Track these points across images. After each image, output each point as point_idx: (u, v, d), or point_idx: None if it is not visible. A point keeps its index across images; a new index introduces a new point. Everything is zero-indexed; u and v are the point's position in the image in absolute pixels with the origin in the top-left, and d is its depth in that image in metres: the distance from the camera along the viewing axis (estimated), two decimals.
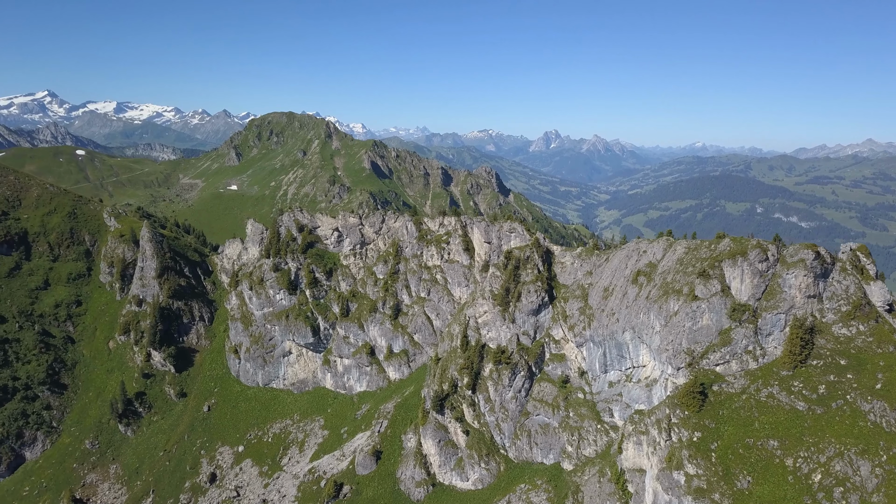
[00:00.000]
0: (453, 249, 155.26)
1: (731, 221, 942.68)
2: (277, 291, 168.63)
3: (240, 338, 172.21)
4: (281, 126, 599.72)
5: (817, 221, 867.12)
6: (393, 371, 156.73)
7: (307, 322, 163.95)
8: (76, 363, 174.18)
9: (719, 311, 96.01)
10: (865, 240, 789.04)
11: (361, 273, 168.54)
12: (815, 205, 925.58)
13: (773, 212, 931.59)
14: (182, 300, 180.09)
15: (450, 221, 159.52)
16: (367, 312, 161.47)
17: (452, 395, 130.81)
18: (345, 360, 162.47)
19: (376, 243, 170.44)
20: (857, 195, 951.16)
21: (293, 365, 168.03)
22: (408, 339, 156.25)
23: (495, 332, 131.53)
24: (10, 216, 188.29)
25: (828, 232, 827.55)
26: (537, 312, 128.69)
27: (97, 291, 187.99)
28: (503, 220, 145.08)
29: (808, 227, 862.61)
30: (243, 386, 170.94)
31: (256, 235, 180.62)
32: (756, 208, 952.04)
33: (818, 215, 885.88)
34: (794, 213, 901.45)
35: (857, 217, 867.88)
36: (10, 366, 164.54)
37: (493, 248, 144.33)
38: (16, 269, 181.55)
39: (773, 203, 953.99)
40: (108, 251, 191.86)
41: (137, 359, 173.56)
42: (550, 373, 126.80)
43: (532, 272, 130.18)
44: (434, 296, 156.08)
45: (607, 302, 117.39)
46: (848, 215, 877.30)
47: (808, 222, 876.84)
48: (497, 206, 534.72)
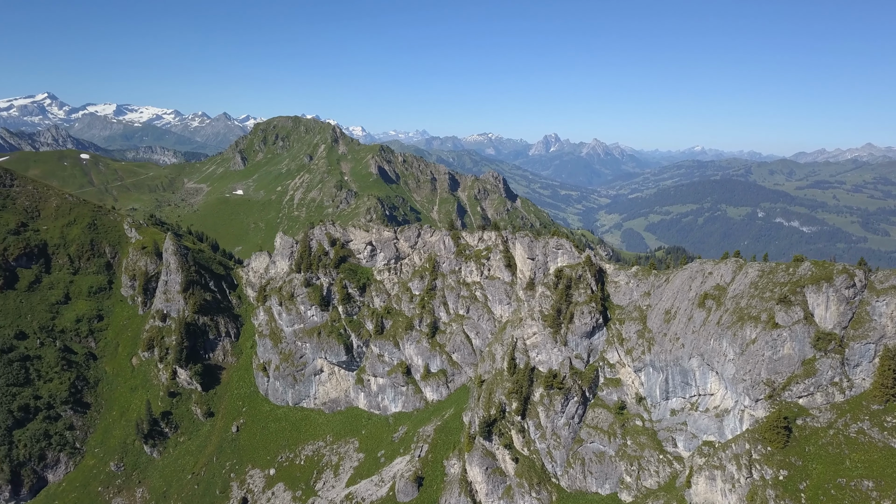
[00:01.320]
0: (494, 265, 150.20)
1: (732, 226, 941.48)
2: (309, 307, 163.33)
3: (268, 355, 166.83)
4: (287, 130, 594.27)
5: (819, 226, 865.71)
6: (430, 392, 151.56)
7: (340, 339, 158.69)
8: (98, 381, 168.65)
9: (802, 340, 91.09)
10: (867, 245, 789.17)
11: (396, 289, 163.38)
12: (816, 209, 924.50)
13: (774, 216, 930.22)
14: (208, 315, 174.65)
15: (490, 236, 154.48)
16: (402, 330, 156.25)
17: (500, 421, 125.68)
18: (379, 379, 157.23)
19: (411, 258, 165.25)
20: (858, 200, 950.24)
21: (324, 384, 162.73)
22: (446, 359, 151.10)
23: (546, 355, 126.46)
24: (30, 227, 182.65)
25: (829, 237, 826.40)
26: (591, 335, 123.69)
27: (119, 305, 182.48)
28: (548, 236, 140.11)
29: (810, 232, 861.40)
30: (272, 405, 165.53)
31: (286, 249, 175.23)
32: (757, 213, 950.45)
33: (819, 220, 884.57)
34: (796, 218, 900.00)
35: (858, 222, 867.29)
36: (31, 384, 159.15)
37: (537, 264, 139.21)
38: (36, 283, 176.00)
39: (774, 207, 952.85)
40: (129, 263, 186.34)
41: (162, 376, 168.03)
42: (605, 398, 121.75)
43: (585, 292, 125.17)
44: (473, 313, 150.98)
45: (670, 325, 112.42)
46: (849, 220, 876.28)
47: (809, 227, 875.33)
48: (504, 211, 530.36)
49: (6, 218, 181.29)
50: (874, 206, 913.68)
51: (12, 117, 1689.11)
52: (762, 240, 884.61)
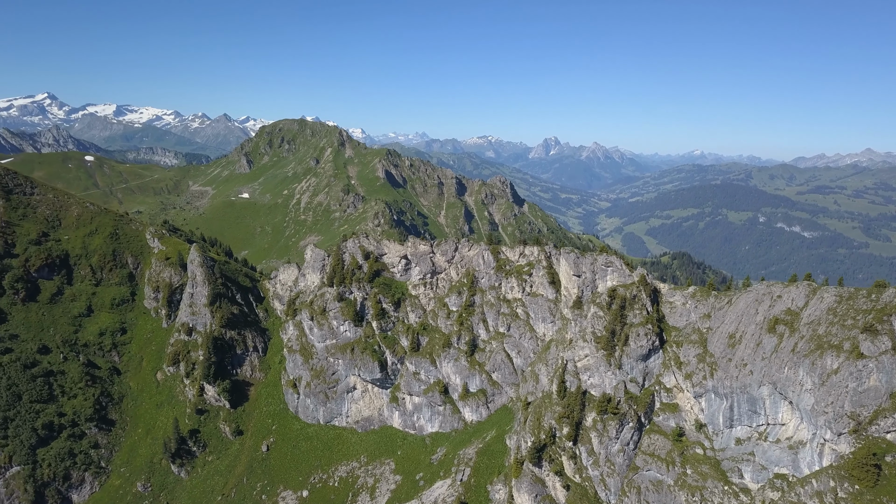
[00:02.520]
0: (536, 282, 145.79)
1: (733, 231, 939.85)
2: (342, 322, 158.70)
3: (299, 371, 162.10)
4: (292, 133, 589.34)
5: (820, 231, 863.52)
6: (469, 412, 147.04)
7: (374, 356, 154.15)
8: (123, 396, 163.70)
9: (890, 372, 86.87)
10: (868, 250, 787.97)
11: (432, 304, 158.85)
12: (817, 214, 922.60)
13: (775, 221, 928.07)
14: (235, 329, 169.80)
15: (531, 251, 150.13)
16: (439, 347, 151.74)
17: (550, 446, 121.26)
18: (415, 397, 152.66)
19: (448, 272, 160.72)
20: (860, 205, 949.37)
21: (357, 401, 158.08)
22: (485, 378, 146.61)
23: (598, 378, 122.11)
24: (51, 237, 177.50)
25: (831, 242, 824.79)
26: (647, 358, 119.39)
27: (142, 318, 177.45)
28: (596, 253, 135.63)
29: (811, 237, 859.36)
30: (303, 423, 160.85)
31: (317, 262, 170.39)
32: (758, 217, 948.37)
33: (821, 225, 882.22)
34: (797, 223, 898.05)
35: (859, 227, 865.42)
36: (55, 400, 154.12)
37: (584, 282, 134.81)
38: (58, 295, 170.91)
39: (775, 212, 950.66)
40: (152, 275, 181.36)
41: (189, 393, 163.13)
42: (661, 424, 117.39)
43: (640, 313, 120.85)
44: (515, 331, 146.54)
45: (735, 351, 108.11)
46: (851, 225, 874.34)
47: (810, 232, 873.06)
48: (512, 216, 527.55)
49: (27, 227, 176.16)
50: (875, 211, 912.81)
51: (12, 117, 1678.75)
52: (763, 245, 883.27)
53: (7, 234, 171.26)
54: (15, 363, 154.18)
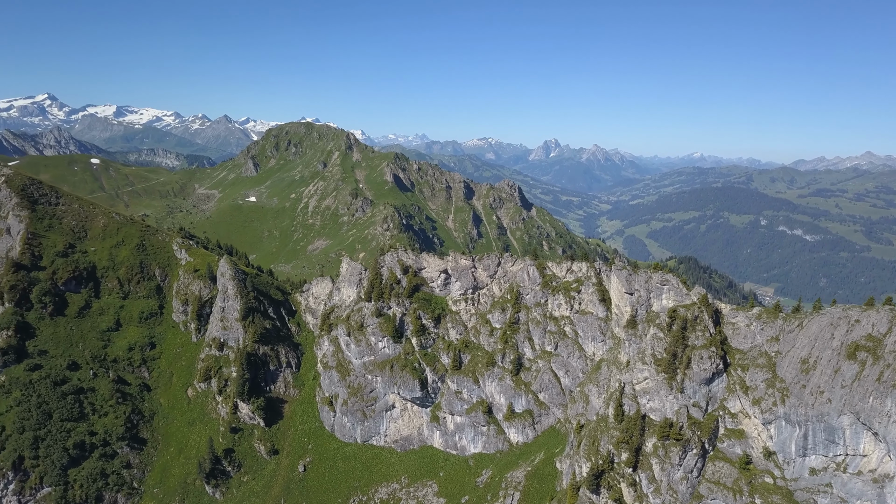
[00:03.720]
0: (585, 299, 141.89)
1: (735, 234, 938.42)
2: (380, 339, 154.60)
3: (335, 388, 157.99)
4: (299, 136, 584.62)
5: (822, 235, 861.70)
6: (515, 433, 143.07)
7: (415, 374, 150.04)
8: (154, 414, 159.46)
9: None
10: (871, 254, 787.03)
11: (473, 320, 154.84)
12: (819, 218, 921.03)
13: (777, 224, 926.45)
14: (268, 345, 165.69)
15: (580, 267, 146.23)
16: (483, 366, 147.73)
17: (608, 473, 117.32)
18: (457, 417, 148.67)
19: (490, 288, 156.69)
20: (861, 209, 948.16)
21: (396, 420, 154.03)
22: (532, 398, 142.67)
23: (659, 402, 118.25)
24: (77, 249, 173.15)
25: (833, 245, 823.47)
26: (710, 382, 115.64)
27: (171, 332, 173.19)
28: (651, 270, 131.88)
29: (813, 241, 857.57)
30: (340, 442, 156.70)
31: (353, 276, 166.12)
32: (760, 220, 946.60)
33: (823, 228, 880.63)
34: (799, 226, 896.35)
35: (861, 231, 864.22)
36: (86, 419, 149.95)
37: (639, 300, 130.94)
38: (85, 308, 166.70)
39: (777, 216, 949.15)
40: (180, 287, 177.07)
41: (221, 410, 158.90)
42: (726, 450, 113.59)
43: (703, 335, 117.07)
44: (562, 350, 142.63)
45: (809, 377, 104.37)
46: (852, 229, 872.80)
47: (812, 235, 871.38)
48: (520, 220, 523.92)
49: (53, 239, 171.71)
50: (877, 214, 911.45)
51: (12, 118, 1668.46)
52: (765, 248, 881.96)
53: (34, 246, 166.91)
54: (45, 380, 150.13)
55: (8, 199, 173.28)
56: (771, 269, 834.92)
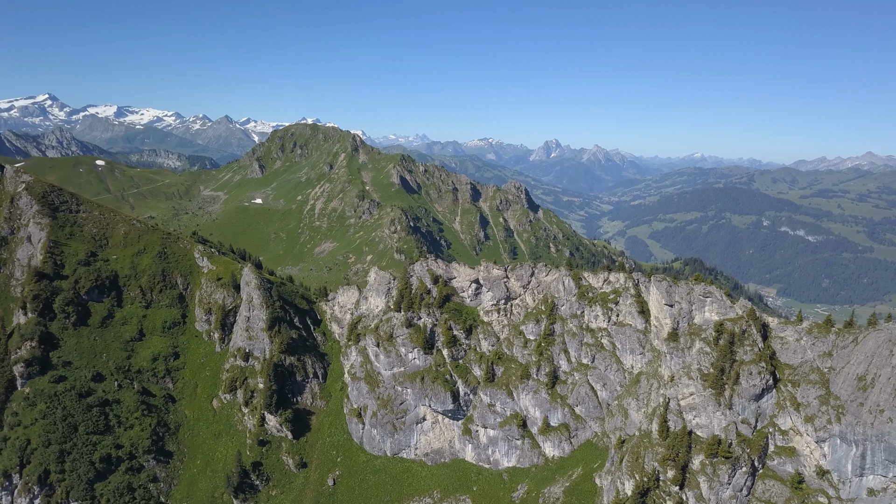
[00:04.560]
0: (623, 311, 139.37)
1: (737, 234, 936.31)
2: (410, 350, 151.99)
3: (364, 400, 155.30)
4: (305, 138, 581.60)
5: (824, 235, 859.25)
6: (550, 447, 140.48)
7: (446, 386, 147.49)
8: (179, 426, 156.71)
9: None
10: (873, 255, 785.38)
11: (506, 332, 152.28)
12: (821, 218, 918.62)
13: (779, 225, 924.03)
14: (294, 355, 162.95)
15: (617, 278, 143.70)
16: (517, 378, 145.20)
17: (654, 490, 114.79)
18: (490, 430, 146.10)
19: (523, 298, 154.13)
20: (864, 209, 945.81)
21: (427, 433, 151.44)
22: (568, 412, 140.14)
23: (706, 419, 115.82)
24: (99, 257, 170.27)
25: (835, 246, 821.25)
26: (759, 398, 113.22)
27: (194, 341, 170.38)
28: (693, 282, 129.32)
29: (816, 242, 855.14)
30: (369, 455, 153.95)
31: (382, 285, 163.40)
32: (762, 221, 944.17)
33: (825, 229, 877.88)
34: (801, 227, 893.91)
35: (864, 231, 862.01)
36: (111, 431, 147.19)
37: (680, 313, 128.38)
38: (108, 318, 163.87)
39: (779, 216, 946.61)
40: (203, 296, 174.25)
41: (248, 422, 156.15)
42: (777, 468, 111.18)
43: (752, 350, 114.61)
44: (600, 363, 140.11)
45: (867, 395, 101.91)
46: (855, 230, 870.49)
47: (815, 236, 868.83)
48: (527, 222, 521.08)
49: (75, 247, 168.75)
50: (879, 215, 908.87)
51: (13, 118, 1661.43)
52: (767, 249, 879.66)
53: (55, 255, 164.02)
54: (69, 392, 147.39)
55: (28, 207, 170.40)
56: (773, 269, 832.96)
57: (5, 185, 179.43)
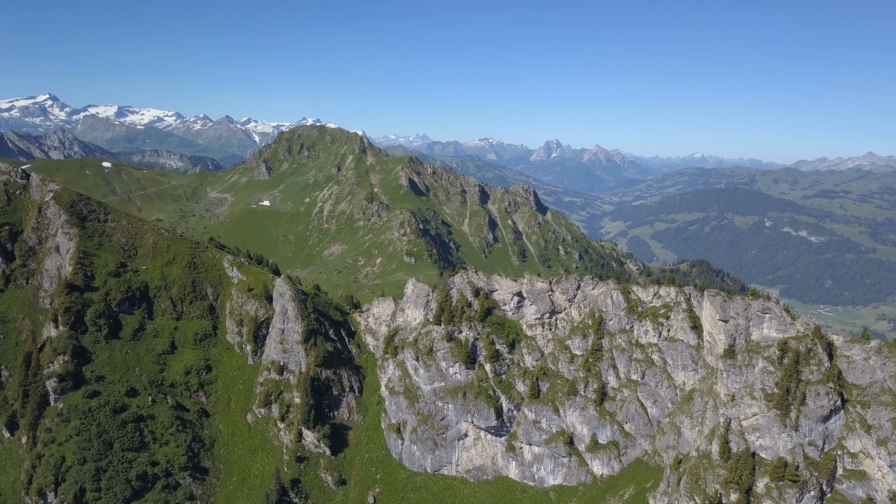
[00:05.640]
0: (675, 325, 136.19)
1: (739, 235, 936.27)
2: (451, 364, 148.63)
3: (403, 415, 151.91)
4: (312, 140, 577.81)
5: (827, 236, 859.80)
6: (599, 465, 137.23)
7: (490, 402, 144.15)
8: (214, 441, 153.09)
9: None
10: (876, 255, 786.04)
11: (551, 346, 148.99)
12: (823, 219, 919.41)
13: (781, 226, 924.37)
14: (330, 368, 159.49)
15: (667, 292, 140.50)
16: (563, 394, 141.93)
17: None
18: (535, 447, 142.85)
19: (568, 312, 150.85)
20: (866, 210, 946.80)
21: (469, 449, 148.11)
22: (617, 429, 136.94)
23: (770, 440, 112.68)
24: (129, 267, 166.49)
25: (838, 247, 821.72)
26: (827, 419, 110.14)
27: (226, 354, 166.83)
28: (750, 297, 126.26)
29: (818, 242, 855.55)
30: (409, 472, 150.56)
31: (420, 297, 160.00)
32: (765, 222, 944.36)
33: (827, 230, 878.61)
34: (804, 228, 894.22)
35: (866, 232, 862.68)
36: (146, 448, 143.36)
37: (737, 329, 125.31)
38: (140, 330, 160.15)
39: (781, 217, 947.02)
40: (234, 307, 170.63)
41: (284, 438, 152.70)
42: (846, 492, 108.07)
43: (818, 369, 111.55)
44: (650, 379, 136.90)
45: None
46: (857, 230, 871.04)
47: (817, 237, 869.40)
48: (536, 224, 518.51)
49: (104, 258, 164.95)
50: (881, 216, 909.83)
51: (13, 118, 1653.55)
52: (770, 249, 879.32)
53: (86, 266, 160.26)
54: (104, 407, 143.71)
55: (56, 216, 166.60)
56: (776, 270, 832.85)
57: (31, 193, 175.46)
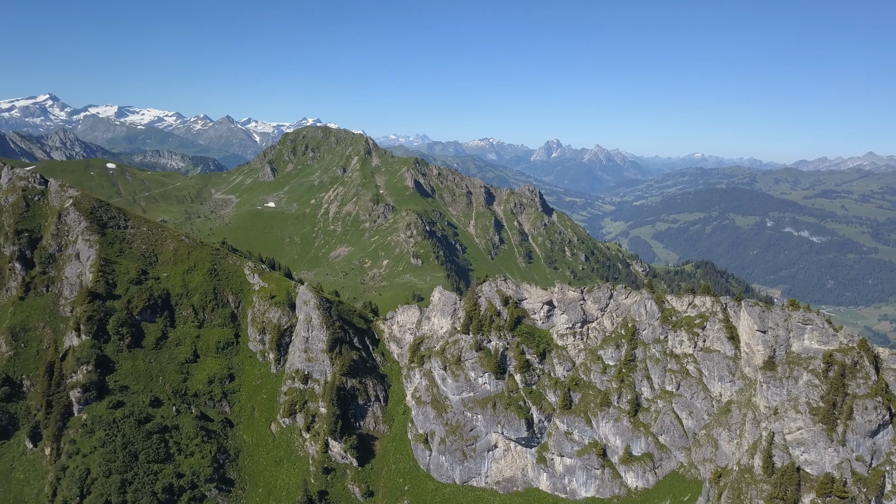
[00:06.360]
0: (711, 336, 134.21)
1: (740, 235, 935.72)
2: (480, 374, 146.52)
3: (431, 426, 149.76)
4: (316, 141, 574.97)
5: (829, 236, 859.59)
6: (633, 478, 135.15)
7: (520, 413, 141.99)
8: (239, 452, 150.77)
9: None
10: (878, 256, 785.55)
11: (582, 356, 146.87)
12: (825, 219, 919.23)
13: (783, 226, 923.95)
14: (356, 378, 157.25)
15: (703, 301, 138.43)
16: (596, 405, 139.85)
17: None
18: (566, 459, 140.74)
19: (600, 322, 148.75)
20: (867, 210, 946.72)
21: (498, 461, 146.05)
22: (652, 441, 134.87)
23: (815, 455, 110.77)
24: (150, 275, 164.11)
25: (840, 247, 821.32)
26: (875, 434, 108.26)
27: (248, 362, 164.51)
28: (790, 308, 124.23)
29: (820, 242, 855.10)
30: (437, 483, 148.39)
31: (447, 306, 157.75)
32: (766, 222, 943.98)
33: (829, 230, 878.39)
34: (805, 228, 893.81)
35: (868, 232, 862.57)
36: (172, 459, 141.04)
37: (777, 340, 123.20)
38: (162, 339, 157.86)
39: (783, 217, 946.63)
40: (255, 315, 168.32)
41: (310, 448, 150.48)
42: None
43: (865, 383, 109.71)
44: (685, 390, 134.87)
45: None
46: (859, 230, 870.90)
47: (819, 237, 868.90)
48: (542, 226, 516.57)
49: (126, 265, 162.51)
50: (883, 216, 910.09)
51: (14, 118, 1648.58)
52: (772, 250, 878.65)
53: (107, 273, 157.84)
54: (128, 418, 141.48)
55: (77, 223, 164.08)
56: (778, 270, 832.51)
57: (49, 199, 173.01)
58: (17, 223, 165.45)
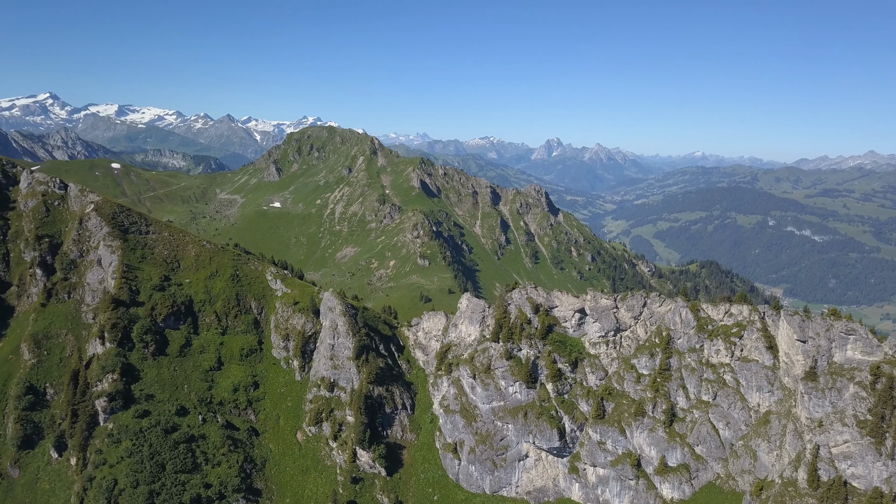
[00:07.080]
0: (748, 345, 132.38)
1: (742, 234, 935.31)
2: (511, 383, 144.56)
3: (460, 435, 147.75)
4: (322, 141, 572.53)
5: (831, 235, 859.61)
6: (669, 489, 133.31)
7: (552, 422, 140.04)
8: (265, 461, 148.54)
9: None
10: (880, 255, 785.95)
11: (615, 365, 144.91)
12: (827, 218, 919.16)
13: (785, 225, 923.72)
14: (383, 385, 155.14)
15: (740, 310, 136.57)
16: (630, 415, 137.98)
17: None
18: (599, 469, 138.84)
19: (634, 330, 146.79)
20: (869, 209, 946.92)
21: (529, 470, 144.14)
22: (688, 452, 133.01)
23: (863, 469, 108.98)
24: (172, 281, 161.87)
25: (841, 246, 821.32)
26: None
27: (272, 370, 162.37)
28: (831, 317, 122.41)
29: (822, 242, 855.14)
30: (466, 493, 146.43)
31: (475, 313, 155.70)
32: (768, 221, 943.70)
33: (831, 229, 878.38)
34: (807, 227, 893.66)
35: (870, 231, 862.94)
36: (199, 469, 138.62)
37: (817, 350, 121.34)
38: (186, 346, 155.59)
39: (784, 216, 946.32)
40: (279, 321, 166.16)
41: (337, 458, 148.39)
42: None
43: None
44: (722, 400, 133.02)
45: None
46: (861, 229, 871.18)
47: (821, 236, 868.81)
48: (548, 226, 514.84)
49: (148, 271, 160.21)
50: (885, 215, 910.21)
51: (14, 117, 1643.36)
52: (773, 249, 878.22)
53: (130, 280, 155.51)
54: (155, 427, 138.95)
55: (98, 229, 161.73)
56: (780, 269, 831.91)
57: (70, 204, 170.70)
58: (37, 228, 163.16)
